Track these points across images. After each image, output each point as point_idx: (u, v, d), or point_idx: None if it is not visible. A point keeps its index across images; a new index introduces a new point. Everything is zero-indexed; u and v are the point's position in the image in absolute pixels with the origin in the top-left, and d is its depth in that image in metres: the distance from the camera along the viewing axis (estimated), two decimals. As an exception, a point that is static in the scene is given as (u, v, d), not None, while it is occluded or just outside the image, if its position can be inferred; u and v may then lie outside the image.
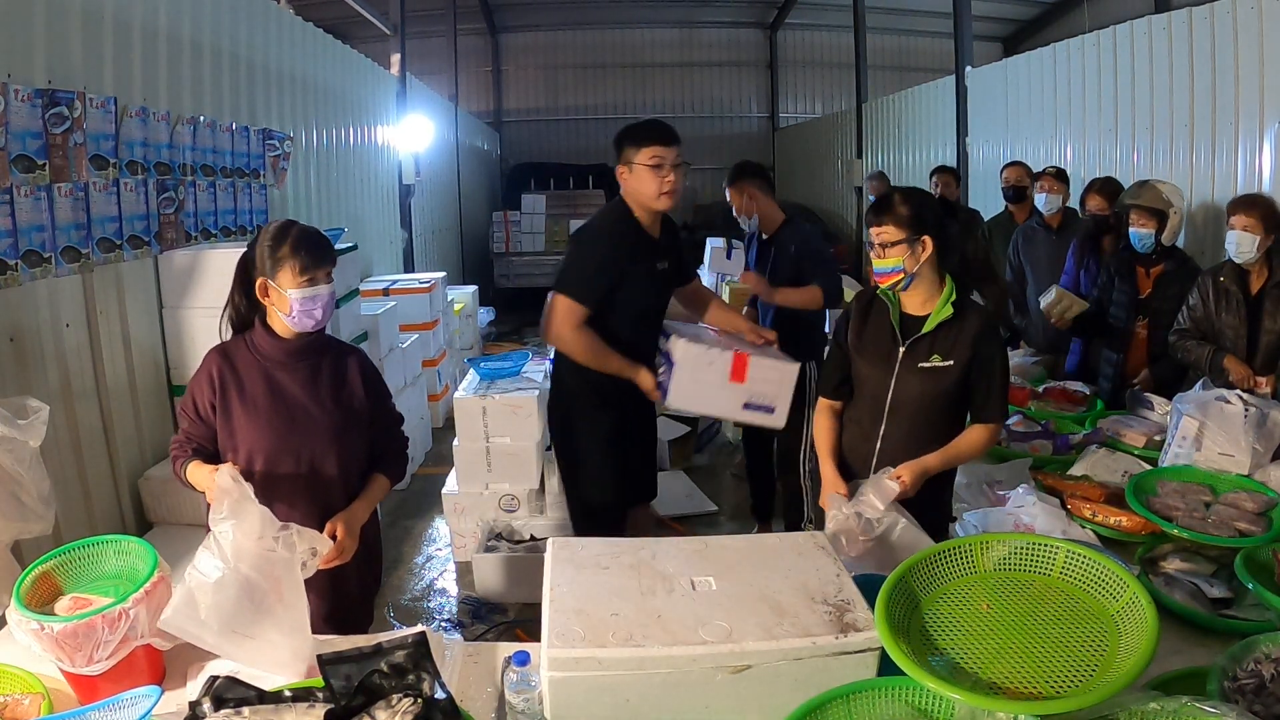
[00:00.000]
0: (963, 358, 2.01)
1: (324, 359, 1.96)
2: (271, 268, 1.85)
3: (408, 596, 3.62)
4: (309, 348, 1.93)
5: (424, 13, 10.07)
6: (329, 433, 1.92)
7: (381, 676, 1.14)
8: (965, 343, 2.01)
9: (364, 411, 1.98)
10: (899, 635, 1.24)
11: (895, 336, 2.07)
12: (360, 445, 1.99)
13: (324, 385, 1.94)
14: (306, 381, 1.92)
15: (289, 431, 1.89)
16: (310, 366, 1.93)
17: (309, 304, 1.85)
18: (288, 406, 1.90)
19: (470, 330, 7.26)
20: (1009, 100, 6.30)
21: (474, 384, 3.85)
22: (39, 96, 2.59)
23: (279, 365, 1.91)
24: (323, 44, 5.48)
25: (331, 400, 1.94)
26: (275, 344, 1.91)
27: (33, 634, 1.44)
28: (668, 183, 2.38)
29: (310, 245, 1.87)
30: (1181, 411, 2.37)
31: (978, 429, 2.06)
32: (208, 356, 1.92)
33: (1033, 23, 13.13)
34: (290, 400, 1.90)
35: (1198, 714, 1.06)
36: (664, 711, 1.27)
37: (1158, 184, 3.18)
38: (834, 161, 11.21)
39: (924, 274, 2.02)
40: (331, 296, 1.90)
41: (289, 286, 1.84)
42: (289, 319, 1.87)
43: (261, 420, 1.88)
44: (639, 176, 2.40)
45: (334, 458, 1.93)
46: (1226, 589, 1.76)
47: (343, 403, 1.95)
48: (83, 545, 1.68)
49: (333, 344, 2.01)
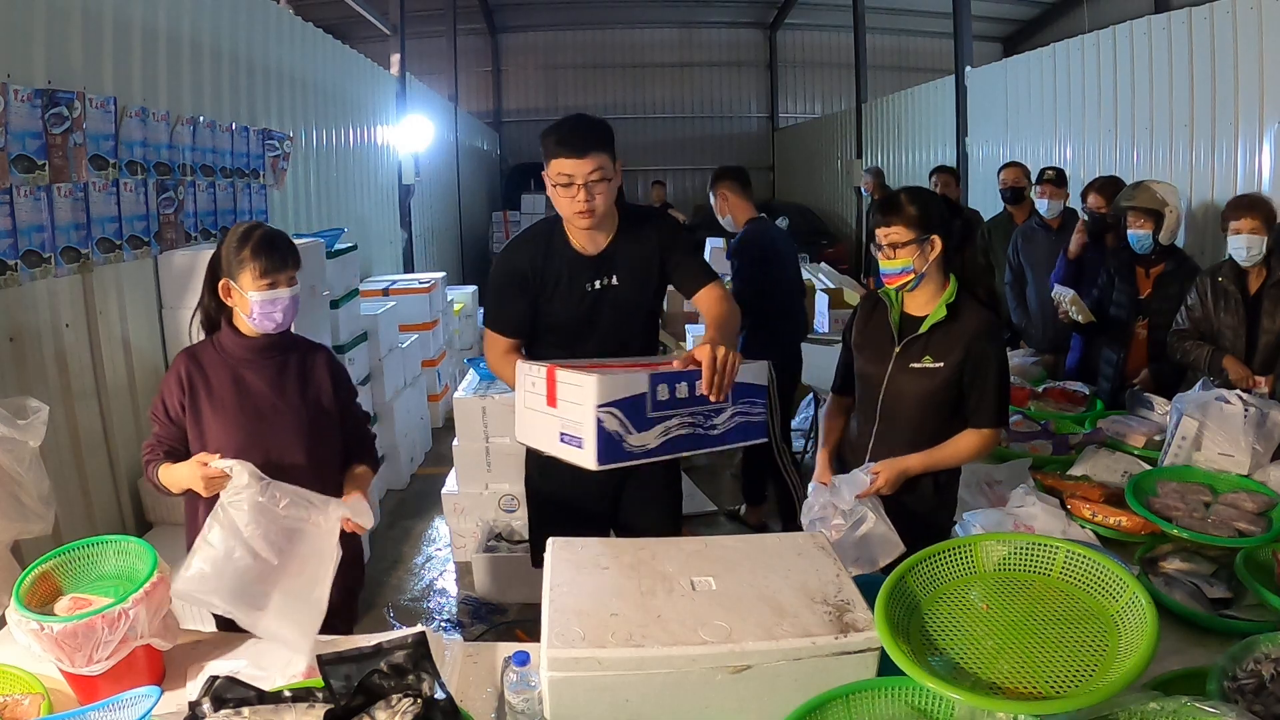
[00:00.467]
0: (954, 360, 2.00)
1: (290, 356, 1.97)
2: (234, 269, 1.86)
3: (407, 596, 3.62)
4: (274, 346, 1.95)
5: (424, 13, 10.08)
6: (297, 429, 1.93)
7: (381, 677, 1.14)
8: (958, 345, 2.00)
9: (332, 407, 2.00)
10: (899, 635, 1.24)
11: (893, 336, 2.09)
12: (332, 440, 2.01)
13: (291, 382, 1.95)
14: (273, 379, 1.94)
15: (257, 429, 1.91)
16: (277, 364, 1.95)
17: (269, 306, 1.87)
18: (255, 404, 1.92)
19: (470, 330, 7.26)
20: (1009, 100, 6.30)
21: (474, 384, 3.85)
22: (39, 96, 2.59)
23: (245, 364, 1.93)
24: (323, 44, 5.48)
25: (299, 397, 1.95)
26: (241, 343, 1.93)
27: (32, 634, 1.44)
28: (579, 202, 1.93)
29: (272, 248, 1.87)
30: (1181, 411, 2.37)
31: (968, 434, 2.04)
32: (176, 359, 1.94)
33: (1033, 23, 13.14)
34: (258, 398, 1.92)
35: (1198, 714, 1.06)
36: (664, 712, 1.27)
37: (1153, 184, 3.19)
38: (834, 161, 11.23)
39: (930, 274, 2.02)
40: (294, 299, 1.91)
41: (250, 289, 1.85)
42: (250, 320, 1.89)
43: (230, 419, 1.90)
44: (551, 192, 1.99)
45: (303, 454, 1.94)
46: (1226, 589, 1.76)
47: (310, 399, 1.97)
48: (82, 545, 1.68)
49: (300, 341, 2.02)
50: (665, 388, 1.67)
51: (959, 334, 2.00)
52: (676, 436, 1.69)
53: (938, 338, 2.02)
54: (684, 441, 1.70)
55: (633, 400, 1.62)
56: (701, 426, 1.72)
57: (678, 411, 1.68)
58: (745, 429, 1.80)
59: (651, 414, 1.65)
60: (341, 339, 4.11)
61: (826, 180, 11.58)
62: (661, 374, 1.67)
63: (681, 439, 1.70)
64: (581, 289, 2.08)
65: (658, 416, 1.66)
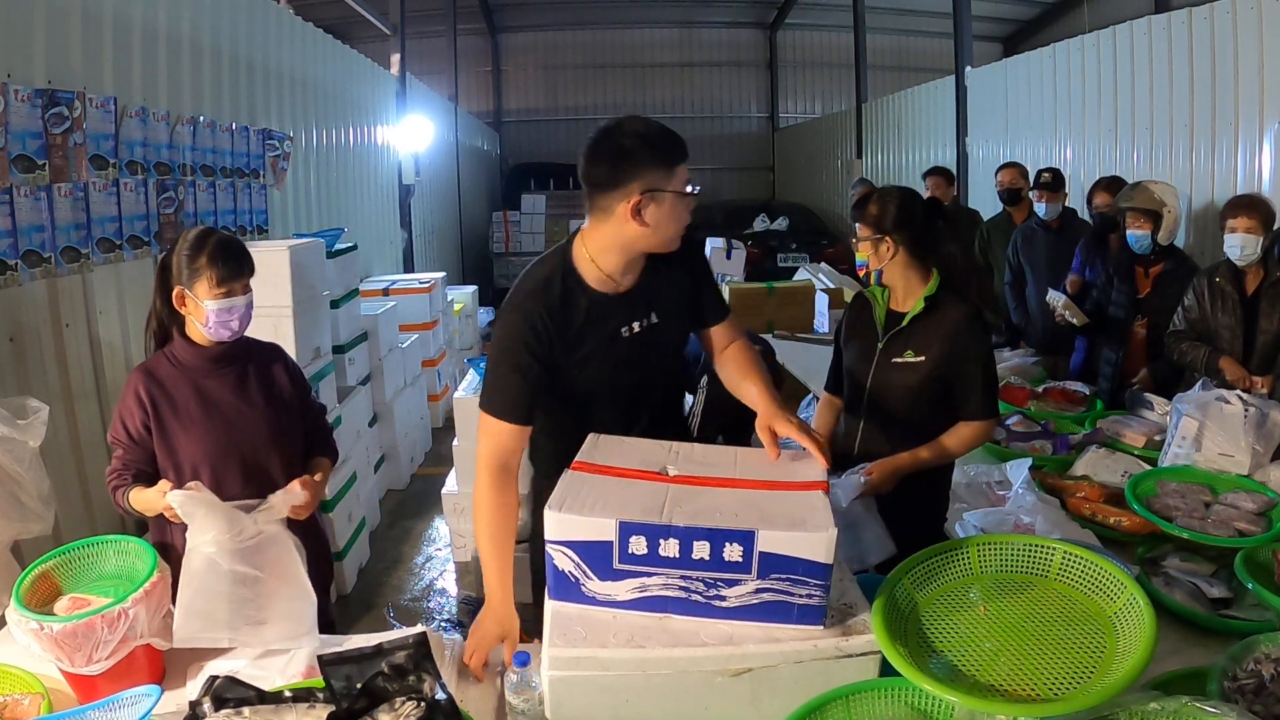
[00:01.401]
0: (935, 353, 2.02)
1: (249, 361, 1.97)
2: (189, 277, 1.82)
3: (408, 596, 3.62)
4: (231, 353, 1.93)
5: (424, 13, 10.06)
6: (267, 432, 1.94)
7: (384, 679, 1.14)
8: (938, 338, 2.02)
9: (295, 406, 2.01)
10: (896, 638, 1.24)
11: (877, 332, 2.13)
12: (297, 439, 2.02)
13: (253, 386, 1.95)
14: (235, 385, 1.93)
15: (227, 438, 1.90)
16: (237, 370, 1.94)
17: (225, 315, 1.84)
18: (222, 413, 1.90)
19: (470, 330, 7.26)
20: (1009, 100, 6.29)
21: (474, 384, 3.84)
22: (39, 96, 2.59)
23: (205, 374, 1.89)
24: (323, 44, 5.48)
25: (263, 400, 1.95)
26: (197, 353, 1.89)
27: (32, 634, 1.44)
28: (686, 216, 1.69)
29: (228, 257, 1.84)
30: (1181, 411, 2.37)
31: (962, 426, 2.04)
32: (130, 379, 1.88)
33: (1033, 23, 13.13)
34: (224, 407, 1.90)
35: (1198, 714, 1.06)
36: (664, 712, 1.27)
37: (1150, 185, 3.19)
38: (834, 161, 11.21)
39: (897, 271, 2.07)
40: (249, 307, 1.90)
41: (205, 297, 1.82)
42: (205, 329, 1.86)
43: (199, 431, 1.87)
44: (670, 210, 1.62)
45: (275, 455, 1.95)
46: (1226, 589, 1.76)
47: (275, 401, 1.97)
48: (82, 545, 1.68)
49: (253, 345, 2.01)
50: (643, 541, 1.29)
51: (938, 328, 2.03)
52: (661, 598, 1.32)
53: (919, 332, 2.05)
54: (676, 605, 1.32)
55: (590, 545, 1.31)
56: (702, 595, 1.31)
57: (662, 571, 1.30)
58: (778, 610, 1.30)
59: (621, 565, 1.31)
60: (341, 339, 4.11)
61: (826, 180, 11.57)
62: (636, 525, 1.29)
63: (672, 601, 1.32)
64: (614, 335, 1.73)
65: (630, 570, 1.31)
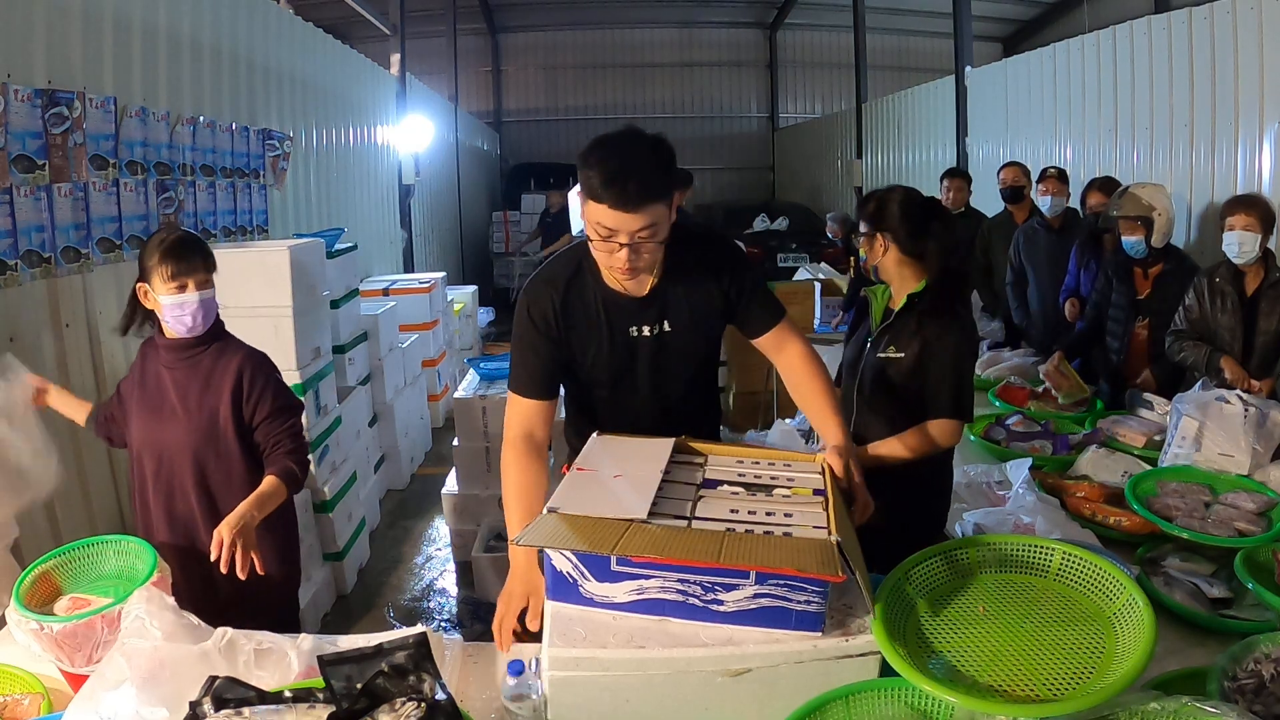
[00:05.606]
0: (913, 350, 2.03)
1: (203, 360, 1.98)
2: (148, 273, 1.91)
3: (408, 596, 3.62)
4: (190, 348, 1.97)
5: (424, 13, 10.07)
6: (184, 437, 1.96)
7: (385, 679, 1.14)
8: (917, 335, 2.03)
9: (228, 418, 1.97)
10: (896, 638, 1.24)
11: (870, 327, 2.16)
12: (226, 454, 1.98)
13: (193, 388, 1.97)
14: (180, 382, 1.97)
15: (151, 430, 1.97)
16: (188, 367, 1.97)
17: (178, 310, 1.90)
18: (156, 405, 1.97)
19: (470, 330, 7.27)
20: (1009, 100, 6.30)
21: (474, 384, 3.85)
22: (39, 96, 2.59)
23: (167, 364, 1.98)
24: (323, 44, 5.48)
25: (196, 403, 1.96)
26: (164, 344, 1.99)
27: (32, 634, 1.44)
28: (619, 259, 1.55)
29: (179, 253, 1.90)
30: (1181, 411, 2.37)
31: (928, 424, 2.00)
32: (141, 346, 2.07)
33: (1033, 23, 13.13)
34: (160, 399, 1.97)
35: (1198, 714, 1.06)
36: (664, 713, 1.27)
37: (1137, 190, 3.17)
38: (834, 161, 11.21)
39: (891, 267, 2.08)
40: (205, 303, 1.93)
41: (160, 292, 1.90)
42: (165, 323, 1.94)
43: (137, 415, 1.99)
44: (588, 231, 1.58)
45: (189, 461, 1.96)
46: (1226, 589, 1.76)
47: (206, 407, 1.96)
48: (82, 545, 1.68)
49: (221, 347, 2.00)
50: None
51: (917, 325, 2.04)
52: (658, 600, 1.31)
53: (901, 328, 2.07)
54: (673, 608, 1.31)
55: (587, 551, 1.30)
56: (700, 599, 1.29)
57: (659, 574, 1.29)
58: (776, 616, 1.28)
59: (619, 568, 1.31)
60: (341, 339, 4.11)
61: (826, 180, 11.56)
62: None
63: (669, 604, 1.31)
64: (623, 336, 1.72)
65: (627, 573, 1.31)
